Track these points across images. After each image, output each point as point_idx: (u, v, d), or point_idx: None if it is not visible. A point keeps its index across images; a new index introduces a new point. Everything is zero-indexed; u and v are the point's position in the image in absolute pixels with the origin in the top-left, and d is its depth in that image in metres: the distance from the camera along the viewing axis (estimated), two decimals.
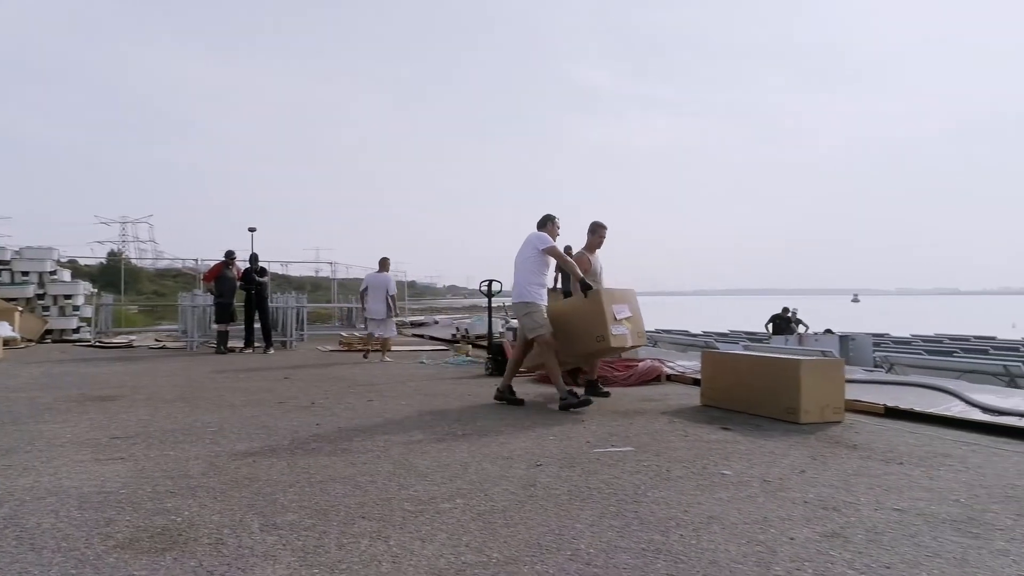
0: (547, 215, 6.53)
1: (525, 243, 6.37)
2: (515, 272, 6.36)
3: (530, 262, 6.24)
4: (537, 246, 6.25)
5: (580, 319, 6.16)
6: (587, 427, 5.19)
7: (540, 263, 6.26)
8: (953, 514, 3.08)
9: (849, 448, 4.47)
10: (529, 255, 6.26)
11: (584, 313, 6.11)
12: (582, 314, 6.14)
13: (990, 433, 5.00)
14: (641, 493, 3.40)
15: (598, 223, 7.18)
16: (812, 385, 5.35)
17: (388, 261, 11.63)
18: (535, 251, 6.24)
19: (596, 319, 5.96)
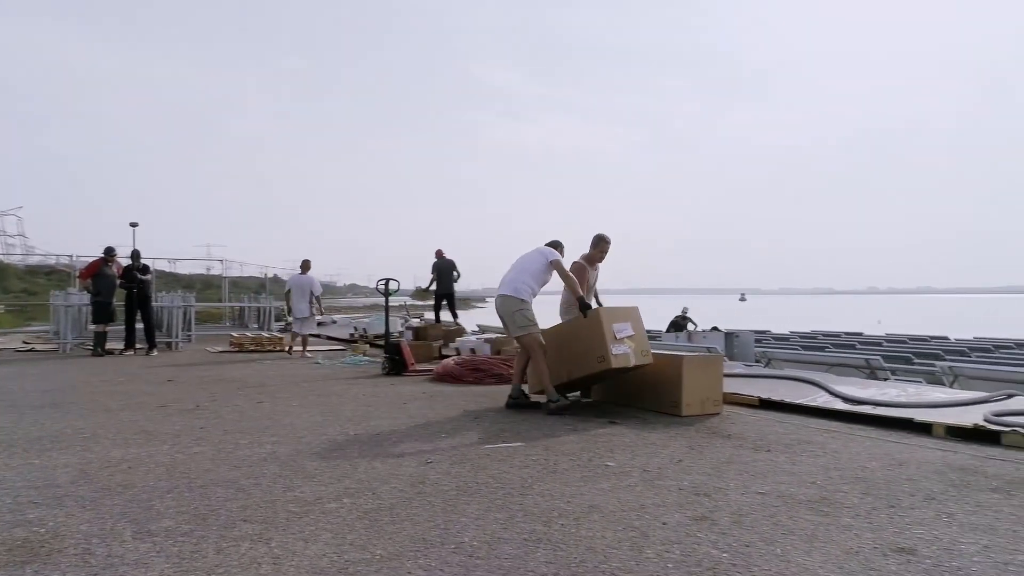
0: (557, 241, 6.53)
1: (535, 251, 6.28)
2: (513, 270, 6.19)
3: (534, 268, 6.11)
4: (548, 258, 6.15)
5: (580, 339, 5.86)
6: (480, 424, 5.27)
7: (542, 274, 6.12)
8: (809, 495, 3.35)
9: (724, 438, 4.76)
10: (536, 262, 6.15)
11: (584, 333, 5.81)
12: (582, 334, 5.84)
13: (848, 421, 5.45)
14: (527, 486, 3.50)
15: (602, 236, 7.00)
16: (693, 380, 5.66)
17: (309, 263, 12.14)
18: (543, 262, 6.13)
19: (596, 339, 5.65)
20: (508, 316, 6.02)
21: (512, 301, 5.98)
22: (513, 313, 5.97)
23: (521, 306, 5.97)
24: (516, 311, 5.97)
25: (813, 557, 2.54)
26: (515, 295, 5.98)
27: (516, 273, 6.14)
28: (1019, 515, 3.06)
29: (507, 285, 6.08)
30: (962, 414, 5.23)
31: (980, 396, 5.74)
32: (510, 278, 6.12)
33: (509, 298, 6.00)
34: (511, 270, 6.22)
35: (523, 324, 5.95)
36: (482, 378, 7.72)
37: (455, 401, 6.45)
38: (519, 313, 5.97)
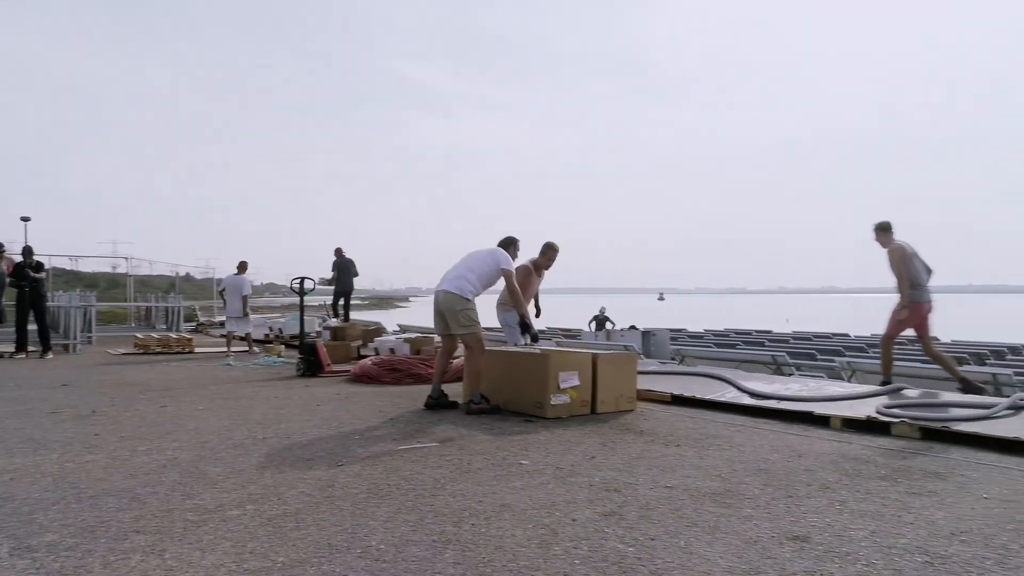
0: (512, 238, 6.37)
1: (488, 252, 6.09)
2: (459, 267, 5.99)
3: (483, 269, 5.93)
4: (500, 264, 5.97)
5: (523, 375, 5.73)
6: (395, 425, 5.19)
7: (490, 276, 5.95)
8: (714, 488, 3.46)
9: (637, 434, 4.85)
10: (487, 264, 5.97)
11: (528, 371, 5.68)
12: (526, 371, 5.71)
13: (754, 415, 5.67)
14: (440, 487, 3.46)
15: (552, 245, 7.07)
16: (608, 378, 5.75)
17: (246, 264, 12.52)
18: (494, 267, 5.95)
19: (538, 383, 5.50)
20: (451, 313, 5.83)
21: (456, 299, 5.81)
22: (457, 312, 5.80)
23: (466, 305, 5.82)
24: (461, 310, 5.80)
25: (715, 548, 2.62)
26: (459, 293, 5.82)
27: (463, 271, 5.94)
28: (904, 501, 3.25)
29: (451, 282, 5.88)
30: (857, 407, 5.52)
31: (873, 390, 6.09)
32: (455, 275, 5.93)
33: (453, 295, 5.82)
34: (457, 266, 6.01)
35: (467, 323, 5.82)
36: (400, 378, 7.62)
37: (371, 402, 6.33)
38: (464, 312, 5.80)
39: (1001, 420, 4.90)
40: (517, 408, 5.70)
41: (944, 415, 5.03)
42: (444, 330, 5.99)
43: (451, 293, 5.84)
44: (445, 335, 6.06)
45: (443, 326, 5.96)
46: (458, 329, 5.85)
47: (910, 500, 3.26)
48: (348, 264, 14.23)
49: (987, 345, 15.79)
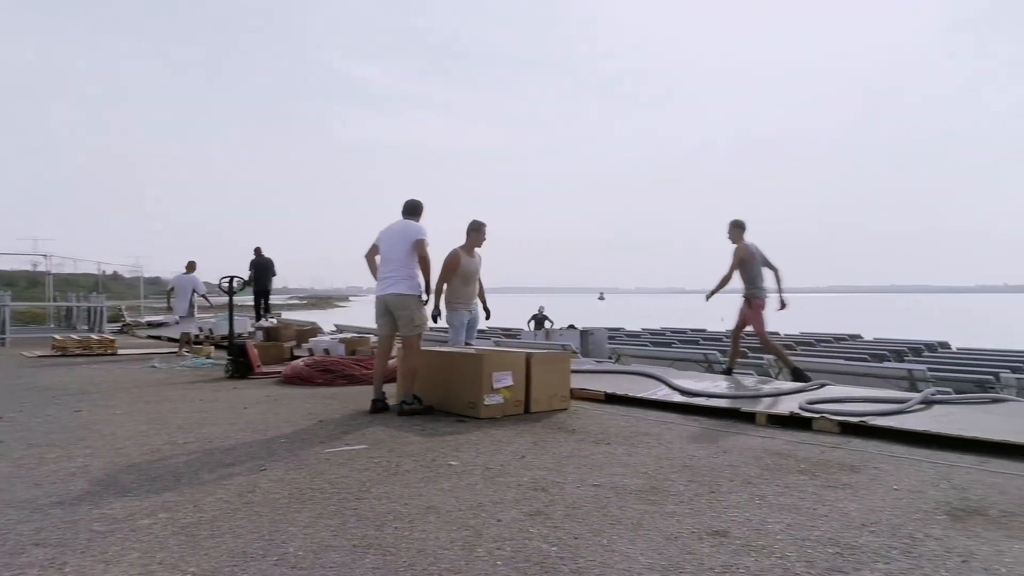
0: (418, 203, 6.05)
1: (400, 231, 5.85)
2: (390, 260, 5.80)
3: (407, 255, 5.75)
4: (413, 237, 5.77)
5: (457, 375, 5.64)
6: (325, 427, 5.07)
7: (415, 256, 5.78)
8: (640, 485, 3.49)
9: (568, 433, 4.87)
10: (406, 247, 5.76)
11: (462, 371, 5.60)
12: (460, 371, 5.62)
13: (684, 412, 5.77)
14: (366, 490, 3.39)
15: (477, 222, 6.87)
16: (541, 377, 5.76)
17: (194, 264, 12.40)
18: (409, 244, 5.75)
19: (473, 383, 5.42)
20: (403, 310, 5.69)
21: (411, 300, 5.71)
22: (413, 312, 5.71)
23: (419, 304, 5.77)
24: (416, 309, 5.73)
25: (636, 545, 2.64)
26: (412, 292, 5.72)
27: (396, 265, 5.75)
28: (820, 494, 3.35)
29: (401, 282, 5.71)
30: (781, 403, 5.69)
31: (798, 386, 6.29)
32: (390, 271, 5.76)
33: (407, 297, 5.70)
34: (391, 262, 5.79)
35: (420, 323, 5.79)
36: (333, 379, 7.47)
37: (301, 404, 6.18)
38: (418, 312, 5.76)
39: (914, 415, 5.13)
40: (451, 408, 5.65)
41: (862, 410, 5.22)
42: (389, 330, 5.88)
43: (406, 295, 5.71)
44: (385, 335, 5.94)
45: (389, 326, 5.85)
46: (409, 329, 5.75)
47: (826, 493, 3.36)
48: (267, 264, 14.12)
49: (907, 343, 16.58)
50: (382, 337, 5.98)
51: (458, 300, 6.70)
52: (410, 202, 6.07)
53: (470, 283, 6.83)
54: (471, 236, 6.80)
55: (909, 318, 64.18)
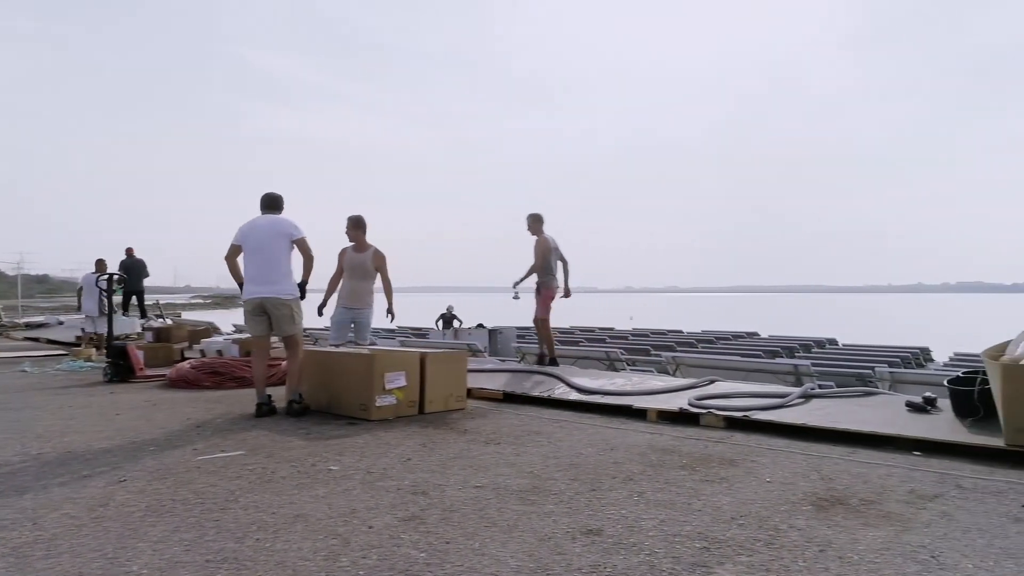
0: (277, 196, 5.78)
1: (270, 228, 5.56)
2: (266, 259, 5.50)
3: (284, 252, 5.53)
4: (291, 235, 5.55)
5: (347, 376, 5.44)
6: (203, 433, 4.79)
7: (290, 254, 5.57)
8: (522, 485, 3.45)
9: (460, 433, 4.80)
10: (283, 244, 5.53)
11: (353, 372, 5.40)
12: (351, 371, 5.41)
13: (579, 410, 5.82)
14: (233, 499, 3.20)
15: (348, 218, 6.81)
16: (437, 377, 5.66)
17: (104, 263, 12.18)
18: (287, 243, 5.54)
19: (364, 384, 5.25)
20: (282, 309, 5.52)
21: (289, 303, 5.53)
22: (294, 313, 5.58)
23: (298, 307, 5.61)
24: (296, 307, 5.60)
25: (508, 547, 2.59)
26: (291, 295, 5.54)
27: (273, 265, 5.50)
28: (697, 488, 3.41)
29: (272, 284, 5.48)
30: (672, 400, 5.81)
31: (689, 383, 6.45)
32: (268, 270, 5.50)
33: (284, 302, 5.50)
34: (266, 262, 5.51)
35: (299, 321, 5.65)
36: (222, 382, 7.11)
37: (182, 409, 5.83)
38: (298, 310, 5.64)
39: (793, 408, 5.35)
40: (341, 410, 5.47)
41: (746, 405, 5.40)
42: (265, 331, 5.66)
43: (283, 301, 5.53)
44: (260, 336, 5.70)
45: (264, 327, 5.63)
46: (289, 330, 5.58)
47: (702, 487, 3.43)
48: (137, 265, 13.71)
49: (799, 339, 17.48)
50: (258, 338, 5.72)
51: (342, 297, 6.68)
52: (270, 195, 5.79)
53: (350, 279, 6.74)
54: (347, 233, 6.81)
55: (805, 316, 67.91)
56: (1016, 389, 4.11)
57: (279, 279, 5.54)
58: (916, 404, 5.08)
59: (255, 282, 5.53)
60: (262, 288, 5.52)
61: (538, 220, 8.04)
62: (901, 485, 3.49)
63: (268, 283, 5.52)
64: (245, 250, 5.61)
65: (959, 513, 3.04)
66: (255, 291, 5.53)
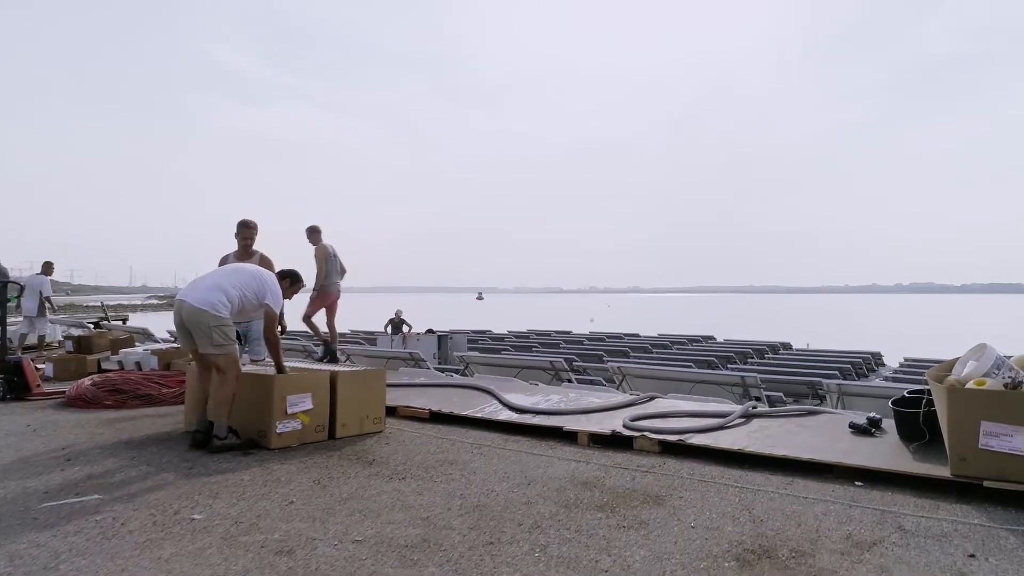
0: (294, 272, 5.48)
1: (258, 278, 5.03)
2: (220, 279, 4.92)
3: (246, 293, 4.91)
4: (265, 298, 4.97)
5: (247, 400, 4.86)
6: (67, 469, 4.21)
7: (251, 306, 4.98)
8: (410, 538, 2.99)
9: (365, 464, 4.32)
10: (251, 288, 4.94)
11: (252, 396, 4.85)
12: (250, 396, 4.86)
13: (507, 432, 5.39)
14: (53, 567, 2.67)
15: (242, 222, 6.34)
16: (350, 398, 5.17)
17: (50, 265, 12.06)
18: (260, 295, 4.96)
19: (263, 409, 4.72)
20: (199, 329, 4.75)
21: (208, 316, 4.73)
22: (211, 328, 4.74)
23: (220, 322, 4.77)
24: (214, 326, 4.74)
25: None
26: (213, 310, 4.75)
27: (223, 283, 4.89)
28: (610, 539, 2.99)
29: (201, 293, 4.81)
30: (607, 420, 5.41)
31: (628, 399, 6.06)
32: (209, 284, 4.87)
33: (203, 312, 4.73)
34: (216, 276, 4.98)
35: (221, 341, 4.76)
36: (124, 401, 6.50)
37: (63, 435, 5.23)
38: (218, 329, 4.75)
39: (732, 430, 4.99)
40: (240, 437, 4.93)
41: (683, 427, 5.03)
42: (191, 347, 4.92)
43: (197, 308, 4.75)
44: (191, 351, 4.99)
45: (190, 343, 4.89)
46: (209, 348, 4.76)
47: (616, 537, 3.01)
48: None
49: (754, 344, 17.36)
50: (195, 355, 4.98)
51: None
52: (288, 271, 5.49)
53: None
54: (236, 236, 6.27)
55: (763, 317, 68.81)
56: (962, 414, 3.80)
57: (206, 291, 4.83)
58: (860, 426, 4.76)
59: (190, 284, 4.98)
60: (184, 295, 4.84)
61: (316, 231, 8.69)
62: (838, 528, 3.13)
63: (192, 290, 4.85)
64: None
65: (898, 568, 2.67)
66: (180, 293, 4.93)
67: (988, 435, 3.76)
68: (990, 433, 3.76)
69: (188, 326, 4.80)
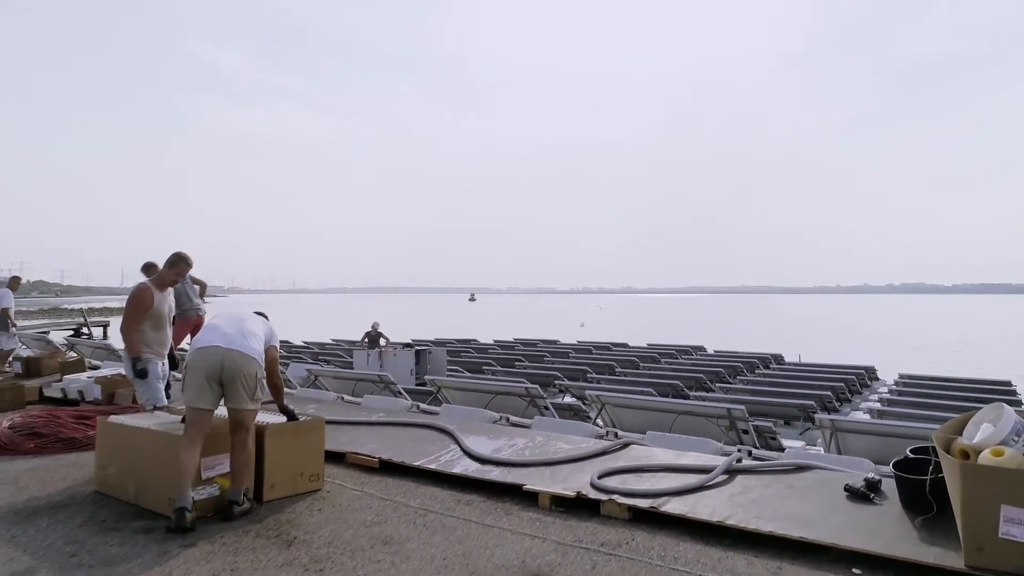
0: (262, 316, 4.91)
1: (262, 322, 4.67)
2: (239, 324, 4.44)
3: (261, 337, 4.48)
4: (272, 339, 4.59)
5: (152, 460, 4.30)
6: None
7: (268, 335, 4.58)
8: None
9: (283, 546, 3.70)
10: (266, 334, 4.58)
11: (162, 457, 4.22)
12: (160, 457, 4.24)
13: (463, 487, 4.80)
14: None
15: (182, 256, 5.61)
16: (281, 454, 4.56)
17: (17, 280, 11.99)
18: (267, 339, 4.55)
19: (170, 473, 4.09)
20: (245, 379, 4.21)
21: (258, 366, 4.30)
22: (258, 380, 4.29)
23: (262, 370, 4.36)
24: (262, 379, 4.33)
25: None
26: (260, 360, 4.34)
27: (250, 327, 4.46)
28: None
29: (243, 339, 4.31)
30: (574, 475, 4.83)
31: (598, 447, 5.42)
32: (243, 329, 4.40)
33: (254, 362, 4.28)
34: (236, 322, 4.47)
35: (260, 396, 4.32)
36: (44, 446, 5.85)
37: None
38: (263, 383, 4.35)
39: (713, 491, 4.41)
40: (150, 504, 4.30)
41: (658, 488, 4.43)
42: (214, 403, 4.21)
43: (249, 356, 4.25)
44: (207, 410, 4.17)
45: (215, 398, 4.20)
46: (248, 404, 4.22)
47: None
48: None
49: (745, 357, 16.77)
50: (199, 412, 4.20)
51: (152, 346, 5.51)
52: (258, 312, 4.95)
53: (163, 327, 5.59)
54: (171, 270, 5.61)
55: (755, 321, 68.55)
56: (978, 495, 3.23)
57: (247, 336, 4.37)
58: (857, 490, 4.18)
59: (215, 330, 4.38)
60: (223, 341, 4.26)
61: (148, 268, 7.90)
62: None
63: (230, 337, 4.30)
64: None
65: None
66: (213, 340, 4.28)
67: (1010, 522, 3.19)
68: (1012, 520, 3.18)
69: (230, 376, 4.18)
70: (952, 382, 12.51)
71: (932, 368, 18.67)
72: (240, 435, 4.23)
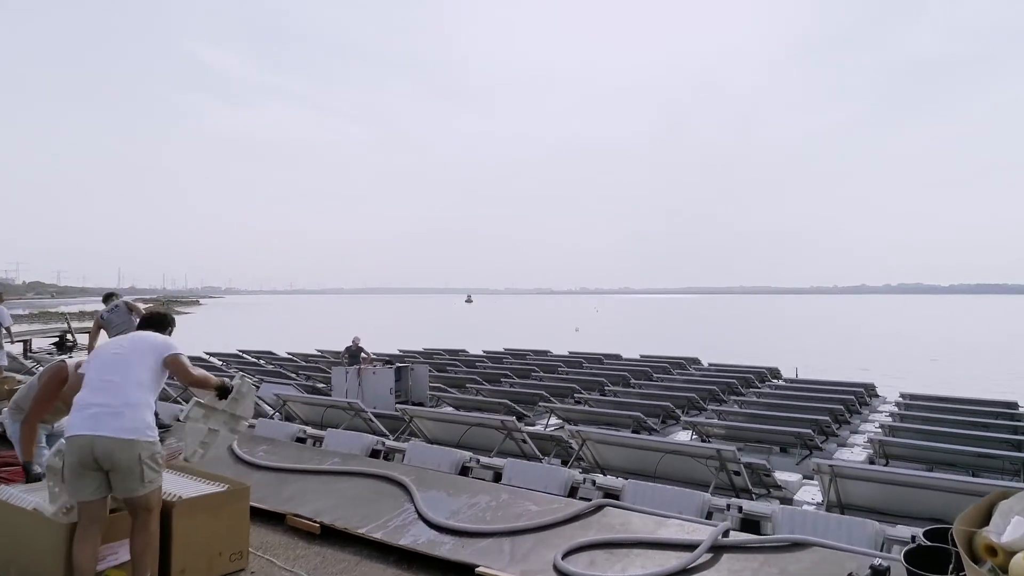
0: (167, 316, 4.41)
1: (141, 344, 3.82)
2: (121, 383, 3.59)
3: (147, 376, 3.70)
4: (163, 352, 3.80)
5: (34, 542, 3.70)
6: None
7: (158, 379, 3.78)
8: None
9: None
10: (146, 364, 3.72)
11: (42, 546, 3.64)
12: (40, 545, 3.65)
13: (409, 565, 4.19)
14: None
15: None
16: (193, 532, 3.92)
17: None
18: (156, 363, 3.76)
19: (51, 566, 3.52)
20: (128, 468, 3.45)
21: (139, 446, 3.48)
22: (142, 462, 3.48)
23: (152, 449, 3.55)
24: (147, 458, 3.50)
25: None
26: (142, 437, 3.50)
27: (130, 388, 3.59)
28: None
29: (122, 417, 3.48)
30: (538, 546, 4.24)
31: (568, 512, 4.75)
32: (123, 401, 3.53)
33: (132, 444, 3.45)
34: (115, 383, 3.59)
35: (153, 474, 3.54)
36: None
37: None
38: (152, 460, 3.53)
39: None
40: None
41: (633, 572, 3.82)
42: (102, 493, 3.51)
43: (124, 440, 3.43)
44: (94, 501, 3.50)
45: (100, 484, 3.49)
46: (140, 489, 3.49)
47: None
48: None
49: (740, 371, 16.12)
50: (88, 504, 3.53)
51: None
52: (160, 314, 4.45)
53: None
54: None
55: (754, 325, 68.04)
56: None
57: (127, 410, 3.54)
58: None
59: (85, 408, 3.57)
60: (94, 428, 3.46)
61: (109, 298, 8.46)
62: None
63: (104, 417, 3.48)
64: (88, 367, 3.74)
65: None
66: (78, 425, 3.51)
67: None
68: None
69: (107, 465, 3.43)
70: (955, 403, 11.88)
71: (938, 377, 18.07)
72: (141, 517, 3.56)
